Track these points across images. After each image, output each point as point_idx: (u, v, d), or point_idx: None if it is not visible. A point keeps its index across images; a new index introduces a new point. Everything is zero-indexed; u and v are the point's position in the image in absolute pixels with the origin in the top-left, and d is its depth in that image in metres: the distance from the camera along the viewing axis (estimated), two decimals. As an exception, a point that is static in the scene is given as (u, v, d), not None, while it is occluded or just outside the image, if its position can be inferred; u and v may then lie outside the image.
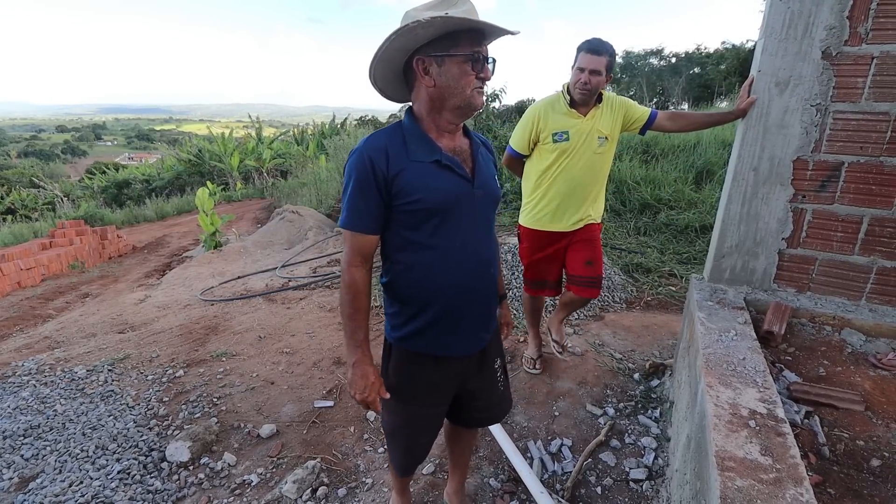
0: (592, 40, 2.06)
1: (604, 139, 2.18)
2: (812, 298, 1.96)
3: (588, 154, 2.18)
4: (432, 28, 1.07)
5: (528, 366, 2.66)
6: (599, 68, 2.02)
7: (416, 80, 1.17)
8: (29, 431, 2.33)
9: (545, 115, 2.18)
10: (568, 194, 2.23)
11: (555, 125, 2.16)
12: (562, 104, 2.17)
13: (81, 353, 3.17)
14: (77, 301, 5.15)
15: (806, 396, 1.46)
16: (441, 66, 1.13)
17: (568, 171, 2.20)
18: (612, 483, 1.88)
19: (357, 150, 1.18)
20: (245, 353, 3.10)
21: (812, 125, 1.82)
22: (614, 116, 2.21)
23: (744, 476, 1.06)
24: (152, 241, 8.52)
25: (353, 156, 1.17)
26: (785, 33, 1.79)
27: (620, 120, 2.22)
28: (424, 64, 1.13)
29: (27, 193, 14.53)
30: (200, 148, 15.69)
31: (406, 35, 1.08)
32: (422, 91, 1.17)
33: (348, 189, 1.18)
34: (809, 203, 1.89)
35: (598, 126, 2.16)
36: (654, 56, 23.17)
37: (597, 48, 2.02)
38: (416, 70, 1.15)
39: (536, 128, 2.21)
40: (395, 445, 1.49)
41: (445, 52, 1.11)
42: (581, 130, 2.15)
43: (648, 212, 5.37)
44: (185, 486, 1.99)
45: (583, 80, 2.05)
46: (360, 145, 1.18)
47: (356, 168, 1.16)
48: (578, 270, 2.30)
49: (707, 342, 1.60)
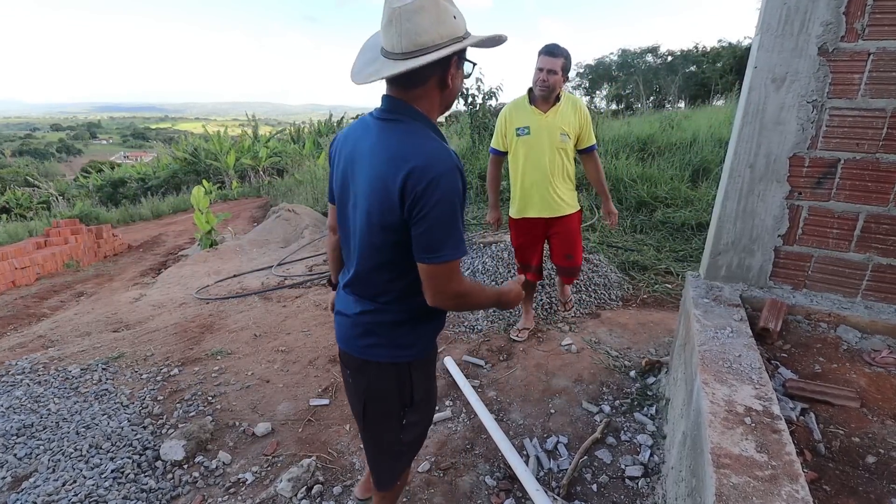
0: (550, 44, 2.36)
1: (566, 135, 2.46)
2: (808, 295, 1.96)
3: (550, 147, 2.47)
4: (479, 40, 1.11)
5: (514, 334, 2.99)
6: (555, 68, 2.32)
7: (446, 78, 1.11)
8: (22, 430, 2.32)
9: (510, 114, 2.53)
10: (536, 182, 2.53)
11: (518, 121, 2.49)
12: (524, 103, 2.49)
13: (76, 351, 3.15)
14: (72, 300, 5.12)
15: (801, 393, 1.46)
16: (458, 69, 1.14)
17: (532, 161, 2.50)
18: (608, 480, 1.87)
19: (455, 165, 1.07)
20: (240, 351, 3.08)
21: (808, 122, 1.81)
22: (577, 118, 2.49)
23: (739, 473, 1.05)
24: (148, 240, 8.48)
25: (459, 175, 1.07)
26: (781, 29, 1.78)
27: (579, 123, 2.50)
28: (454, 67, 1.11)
29: (22, 192, 14.43)
30: (196, 146, 15.61)
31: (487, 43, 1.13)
32: (436, 91, 1.13)
33: (460, 214, 1.07)
34: (805, 200, 1.89)
35: (559, 122, 2.45)
36: (650, 54, 23.20)
37: (553, 50, 2.33)
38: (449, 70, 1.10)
39: (505, 126, 2.55)
40: (413, 453, 1.44)
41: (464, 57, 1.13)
42: (541, 125, 2.45)
43: (645, 210, 5.37)
44: (180, 484, 1.98)
45: (542, 78, 2.35)
46: (455, 158, 1.08)
47: (463, 190, 1.08)
48: (561, 262, 2.77)
49: (703, 339, 1.59)
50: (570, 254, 2.70)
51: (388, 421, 1.30)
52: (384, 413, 1.29)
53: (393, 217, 1.06)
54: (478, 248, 4.18)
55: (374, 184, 1.07)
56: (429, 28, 1.01)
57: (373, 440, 1.35)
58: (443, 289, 1.09)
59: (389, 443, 1.33)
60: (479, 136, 7.86)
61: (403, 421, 1.31)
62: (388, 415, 1.29)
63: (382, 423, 1.31)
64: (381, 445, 1.35)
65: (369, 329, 1.21)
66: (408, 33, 1.01)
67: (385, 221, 1.07)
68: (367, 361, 1.23)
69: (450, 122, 15.01)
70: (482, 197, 6.64)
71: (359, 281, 1.21)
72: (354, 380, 1.29)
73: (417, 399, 1.30)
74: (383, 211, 1.06)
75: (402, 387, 1.26)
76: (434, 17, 1.01)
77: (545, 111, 2.46)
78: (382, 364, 1.23)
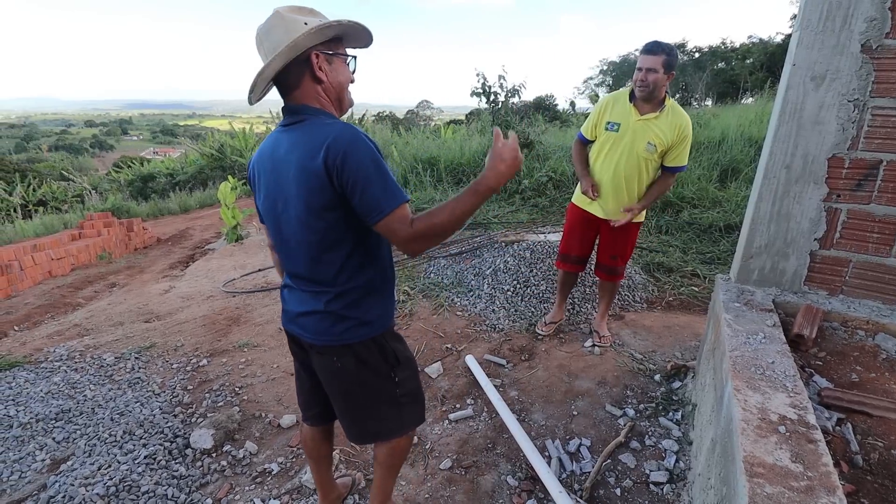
0: (650, 42, 2.25)
1: (653, 146, 2.32)
2: (845, 302, 1.89)
3: (633, 153, 2.35)
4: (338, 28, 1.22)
5: (540, 327, 2.99)
6: (656, 66, 2.20)
7: (315, 73, 1.22)
8: (60, 415, 2.42)
9: (609, 105, 2.43)
10: (607, 183, 2.44)
11: (612, 115, 2.40)
12: (625, 98, 2.38)
13: (110, 340, 3.27)
14: (105, 290, 5.31)
15: (838, 403, 1.42)
16: (329, 63, 1.24)
17: (611, 160, 2.41)
18: (632, 485, 1.85)
19: (363, 134, 1.19)
20: (266, 344, 3.15)
21: (849, 121, 1.75)
22: (673, 133, 2.31)
23: (773, 483, 1.03)
24: (176, 234, 8.71)
25: (367, 139, 1.18)
26: (822, 25, 1.72)
27: (673, 140, 2.33)
28: (318, 61, 1.22)
29: (57, 186, 14.97)
30: (222, 143, 15.93)
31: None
32: (313, 87, 1.24)
33: (384, 166, 1.17)
34: (844, 202, 1.83)
35: (651, 130, 2.31)
36: (677, 50, 22.70)
37: (652, 48, 2.22)
38: (313, 65, 1.20)
39: (598, 115, 2.45)
40: (420, 403, 1.54)
41: (327, 52, 1.23)
42: (632, 126, 2.34)
43: (670, 210, 5.26)
44: (209, 472, 2.04)
45: (641, 78, 2.24)
46: (358, 128, 1.20)
47: (375, 147, 1.19)
48: (605, 259, 2.67)
49: (734, 344, 1.56)
50: (616, 255, 2.62)
51: (386, 385, 1.40)
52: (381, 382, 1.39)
53: (327, 195, 1.16)
54: (499, 247, 4.17)
55: (300, 175, 1.17)
56: (281, 39, 1.14)
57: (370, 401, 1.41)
58: (406, 235, 1.16)
59: (390, 396, 1.42)
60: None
61: (396, 379, 1.41)
62: (384, 377, 1.39)
63: (381, 391, 1.41)
64: (380, 400, 1.42)
65: (340, 315, 1.30)
66: (269, 50, 1.17)
67: (323, 202, 1.17)
68: (349, 345, 1.32)
69: (470, 120, 14.95)
70: (502, 195, 6.61)
71: (313, 274, 1.29)
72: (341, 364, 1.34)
73: (402, 358, 1.43)
74: (317, 193, 1.16)
75: (385, 354, 1.38)
76: (283, 29, 1.15)
77: (642, 113, 2.33)
78: (364, 342, 1.34)
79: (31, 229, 9.17)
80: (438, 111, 45.01)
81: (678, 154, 2.36)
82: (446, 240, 1.20)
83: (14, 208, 12.50)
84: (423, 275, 4.08)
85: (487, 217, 5.68)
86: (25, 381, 2.73)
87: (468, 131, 11.16)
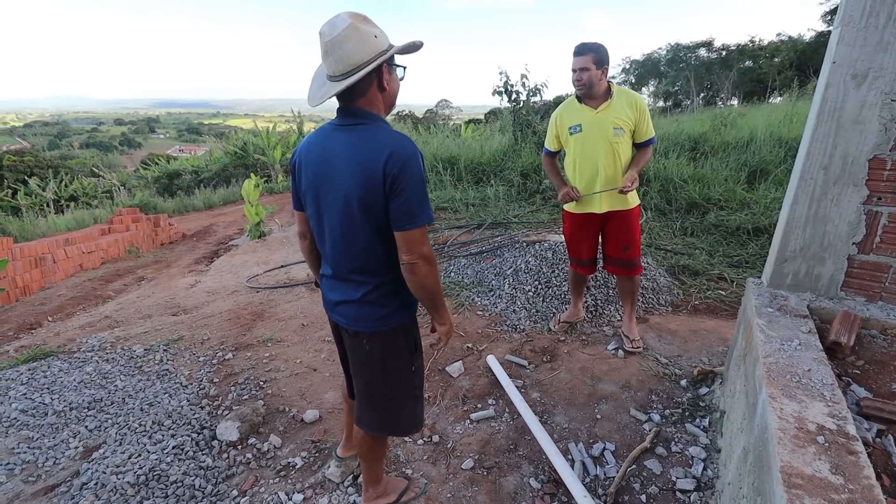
0: (578, 44, 2.39)
1: (619, 129, 2.44)
2: (884, 308, 1.82)
3: (605, 141, 2.46)
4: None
5: (553, 324, 3.08)
6: (586, 65, 2.36)
7: (382, 84, 1.33)
8: (92, 404, 2.49)
9: (562, 114, 2.57)
10: (591, 179, 2.54)
11: (570, 121, 2.53)
12: (574, 103, 2.53)
13: (139, 332, 3.36)
14: (133, 284, 5.46)
15: (878, 413, 1.37)
16: (392, 74, 1.36)
17: (588, 157, 2.51)
18: (658, 492, 1.82)
19: (417, 148, 1.31)
20: (289, 339, 3.19)
21: (892, 121, 1.68)
22: (633, 112, 2.45)
23: (813, 495, 1.00)
24: (200, 230, 8.89)
25: (419, 158, 1.30)
26: (864, 22, 1.66)
27: (635, 117, 2.46)
28: (386, 73, 1.33)
29: (88, 182, 15.47)
30: (245, 141, 16.21)
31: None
32: (378, 96, 1.34)
33: (425, 186, 1.31)
34: (885, 206, 1.76)
35: (611, 117, 2.43)
36: (704, 48, 22.15)
37: (580, 50, 2.37)
38: (383, 77, 1.32)
39: (556, 127, 2.61)
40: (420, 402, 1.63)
41: (393, 63, 1.35)
42: (593, 121, 2.46)
43: (696, 212, 5.15)
44: (234, 464, 2.08)
45: (576, 78, 2.40)
46: (414, 144, 1.32)
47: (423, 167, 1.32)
48: (616, 253, 2.67)
49: (768, 351, 1.52)
50: (626, 245, 2.63)
51: (406, 370, 1.52)
52: (401, 366, 1.51)
53: (375, 195, 1.27)
54: (520, 247, 4.14)
55: (358, 172, 1.27)
56: (356, 51, 1.24)
57: (393, 392, 1.53)
58: (417, 249, 1.31)
59: (407, 387, 1.55)
60: (522, 134, 7.75)
61: (412, 368, 1.54)
62: (404, 362, 1.52)
63: (400, 374, 1.52)
64: (402, 393, 1.55)
65: (378, 302, 1.42)
66: (341, 59, 1.24)
67: (369, 200, 1.28)
68: (380, 331, 1.44)
69: (489, 120, 14.86)
70: (523, 195, 6.57)
71: (353, 265, 1.40)
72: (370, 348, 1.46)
73: (419, 344, 1.56)
74: (370, 190, 1.27)
75: (408, 341, 1.51)
76: (357, 41, 1.24)
77: (596, 108, 2.45)
78: (394, 328, 1.45)
79: (63, 224, 9.49)
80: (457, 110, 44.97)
81: (645, 128, 2.49)
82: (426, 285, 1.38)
83: (47, 203, 12.95)
84: (444, 274, 4.08)
85: (508, 217, 5.65)
86: (59, 371, 2.83)
87: (488, 130, 11.12)
